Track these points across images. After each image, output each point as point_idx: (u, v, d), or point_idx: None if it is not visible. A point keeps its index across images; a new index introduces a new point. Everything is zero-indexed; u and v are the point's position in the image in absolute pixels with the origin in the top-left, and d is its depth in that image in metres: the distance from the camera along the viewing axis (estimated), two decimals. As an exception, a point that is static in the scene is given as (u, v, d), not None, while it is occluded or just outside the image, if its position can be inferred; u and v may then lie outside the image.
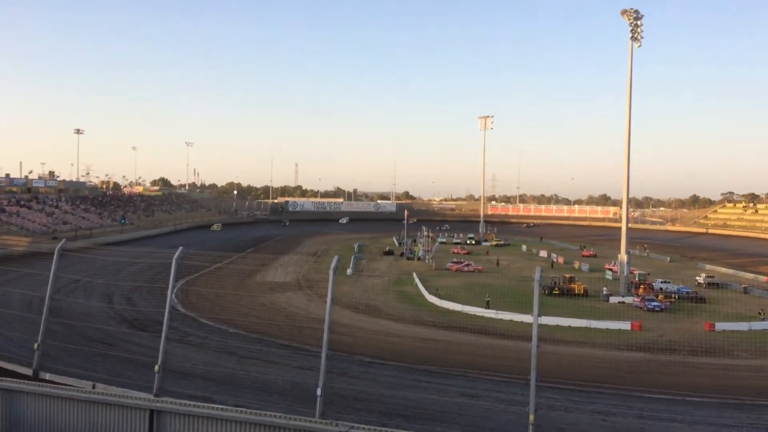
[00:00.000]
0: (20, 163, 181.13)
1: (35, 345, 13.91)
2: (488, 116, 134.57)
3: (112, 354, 24.82)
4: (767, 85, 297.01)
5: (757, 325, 43.29)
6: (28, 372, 13.96)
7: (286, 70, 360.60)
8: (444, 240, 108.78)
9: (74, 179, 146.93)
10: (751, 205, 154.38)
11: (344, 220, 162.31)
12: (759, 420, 23.85)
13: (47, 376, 13.87)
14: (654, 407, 24.04)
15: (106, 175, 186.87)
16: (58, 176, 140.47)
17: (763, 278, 67.81)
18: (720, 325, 42.61)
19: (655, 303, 49.42)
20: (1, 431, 10.39)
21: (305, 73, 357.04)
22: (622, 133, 62.13)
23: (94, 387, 13.44)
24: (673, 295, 53.68)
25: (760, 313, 45.74)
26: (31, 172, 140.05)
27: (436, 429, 18.13)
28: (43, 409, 10.20)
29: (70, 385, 12.83)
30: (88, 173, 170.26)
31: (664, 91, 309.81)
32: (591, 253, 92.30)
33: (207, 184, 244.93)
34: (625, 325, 42.49)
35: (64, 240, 16.29)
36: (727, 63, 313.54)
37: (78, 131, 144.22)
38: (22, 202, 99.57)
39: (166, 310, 12.64)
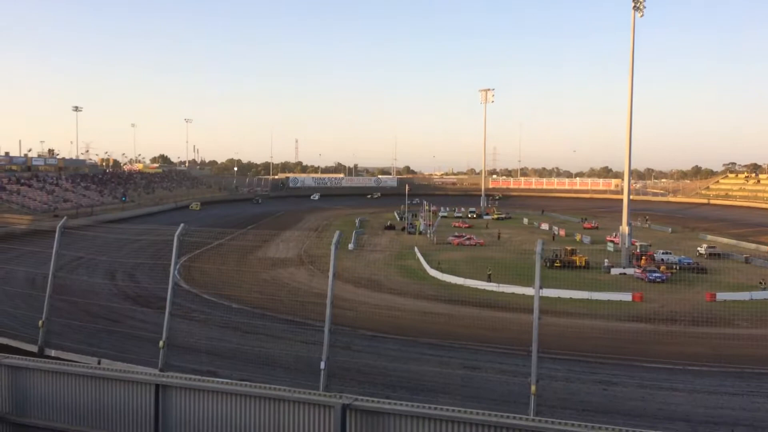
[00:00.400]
0: (19, 141, 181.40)
1: (40, 322, 14.02)
2: (489, 89, 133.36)
3: (116, 330, 24.94)
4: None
5: (758, 295, 43.36)
6: (34, 349, 14.09)
7: (285, 47, 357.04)
8: (445, 214, 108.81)
9: (74, 157, 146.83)
10: (753, 175, 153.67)
11: (315, 197, 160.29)
12: (759, 388, 24.03)
13: (52, 352, 14.00)
14: (655, 377, 24.22)
15: (106, 152, 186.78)
16: (57, 154, 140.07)
17: (764, 248, 67.79)
18: (721, 295, 42.68)
19: (657, 274, 49.47)
20: (8, 408, 10.48)
21: (304, 50, 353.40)
22: (623, 105, 61.70)
23: (99, 363, 13.59)
24: (674, 266, 53.64)
25: (761, 283, 45.80)
26: (30, 151, 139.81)
27: (439, 400, 18.26)
28: (49, 386, 10.27)
29: (76, 362, 12.95)
30: (87, 151, 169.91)
31: (666, 61, 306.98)
32: (592, 225, 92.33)
33: (207, 161, 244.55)
34: (627, 297, 42.63)
35: (65, 218, 16.29)
36: (729, 33, 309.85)
37: (76, 108, 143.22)
38: (23, 181, 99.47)
39: (170, 287, 12.69)
